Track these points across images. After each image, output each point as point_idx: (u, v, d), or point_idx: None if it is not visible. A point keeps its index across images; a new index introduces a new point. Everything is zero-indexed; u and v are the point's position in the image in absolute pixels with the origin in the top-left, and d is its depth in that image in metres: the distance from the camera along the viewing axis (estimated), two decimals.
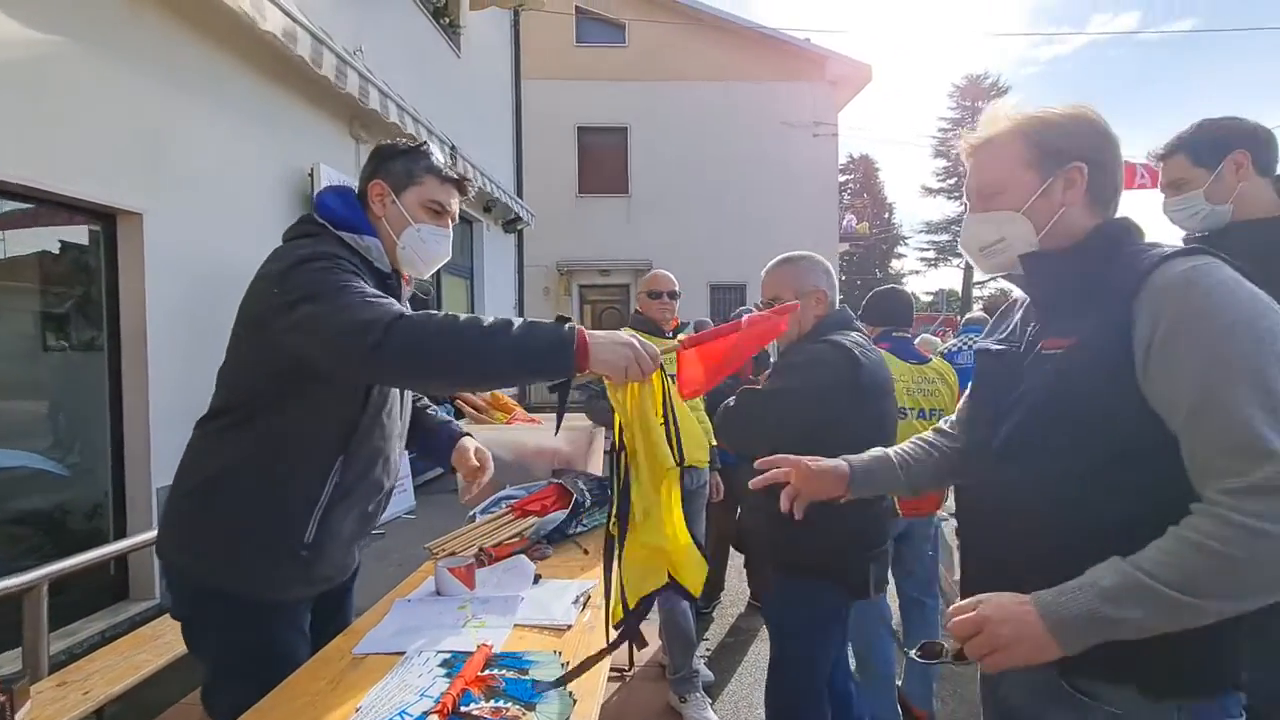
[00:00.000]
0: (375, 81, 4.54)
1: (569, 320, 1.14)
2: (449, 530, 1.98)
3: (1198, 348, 0.78)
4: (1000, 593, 0.84)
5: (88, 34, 2.77)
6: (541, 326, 1.11)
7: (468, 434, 1.73)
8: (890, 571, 2.11)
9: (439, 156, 1.44)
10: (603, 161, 14.27)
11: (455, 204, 1.45)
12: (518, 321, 1.12)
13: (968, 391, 1.15)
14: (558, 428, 1.29)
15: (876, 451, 1.27)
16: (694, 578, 1.20)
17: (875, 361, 1.71)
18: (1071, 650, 0.78)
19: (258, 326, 1.23)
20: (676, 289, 2.66)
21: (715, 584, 3.59)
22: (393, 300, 1.18)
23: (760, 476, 1.23)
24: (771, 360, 2.67)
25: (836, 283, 1.85)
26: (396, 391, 1.42)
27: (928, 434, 1.28)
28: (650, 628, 2.97)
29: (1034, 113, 0.98)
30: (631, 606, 1.15)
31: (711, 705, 2.56)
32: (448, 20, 6.97)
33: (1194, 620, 0.74)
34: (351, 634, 1.34)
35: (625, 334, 1.15)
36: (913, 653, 1.00)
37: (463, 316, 1.12)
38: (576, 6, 13.71)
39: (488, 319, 1.11)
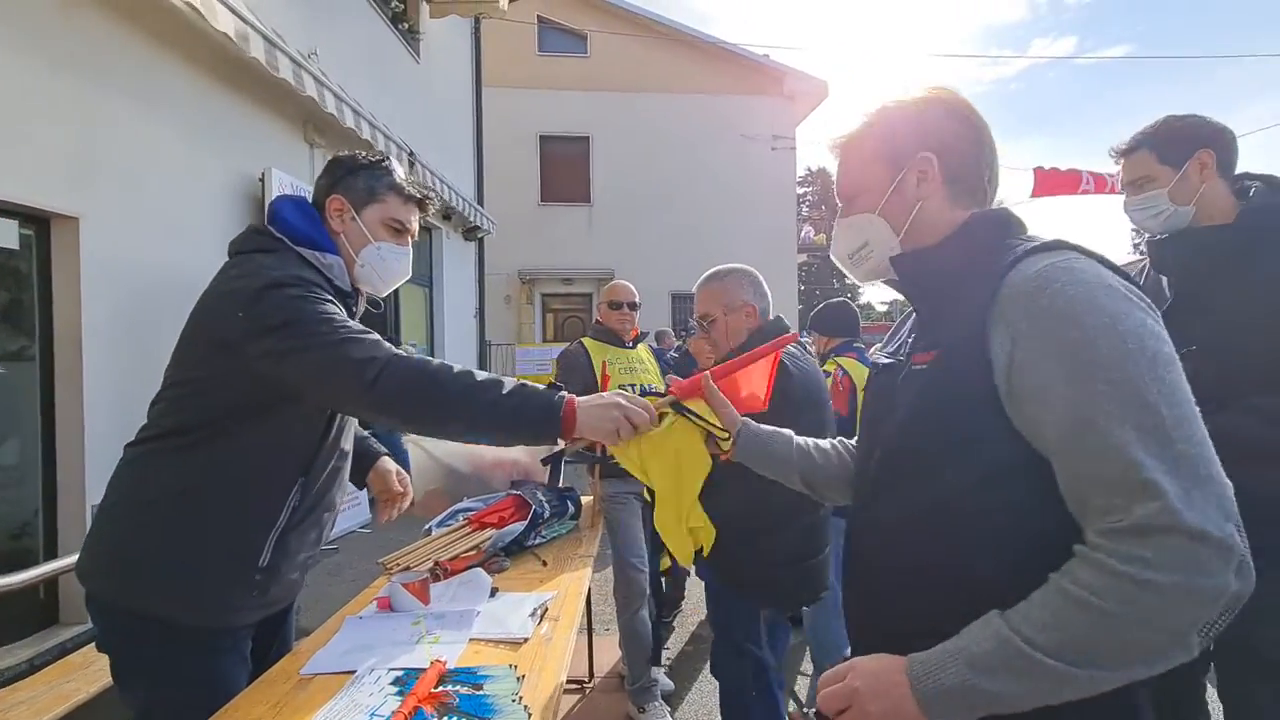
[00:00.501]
0: (330, 85, 4.45)
1: (561, 389, 1.15)
2: (405, 544, 1.95)
3: (1058, 361, 0.67)
4: (875, 657, 0.73)
5: (15, 33, 2.64)
6: (533, 391, 1.13)
7: (387, 454, 1.69)
8: None
9: (401, 172, 1.39)
10: (565, 170, 14.28)
11: (416, 222, 1.42)
12: (510, 382, 1.13)
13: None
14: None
15: (784, 431, 1.15)
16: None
17: (807, 373, 1.76)
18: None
19: (222, 348, 1.17)
20: (637, 300, 2.68)
21: (676, 592, 3.60)
22: (378, 336, 1.16)
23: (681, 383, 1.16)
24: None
25: (768, 293, 1.87)
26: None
27: (850, 440, 1.14)
28: (611, 639, 2.97)
29: (883, 105, 0.91)
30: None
31: (671, 715, 2.57)
32: (407, 26, 6.89)
33: (1082, 692, 0.62)
34: (299, 654, 1.30)
35: (613, 394, 1.16)
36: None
37: (456, 367, 1.13)
38: (538, 16, 13.72)
39: (480, 374, 1.12)
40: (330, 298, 1.21)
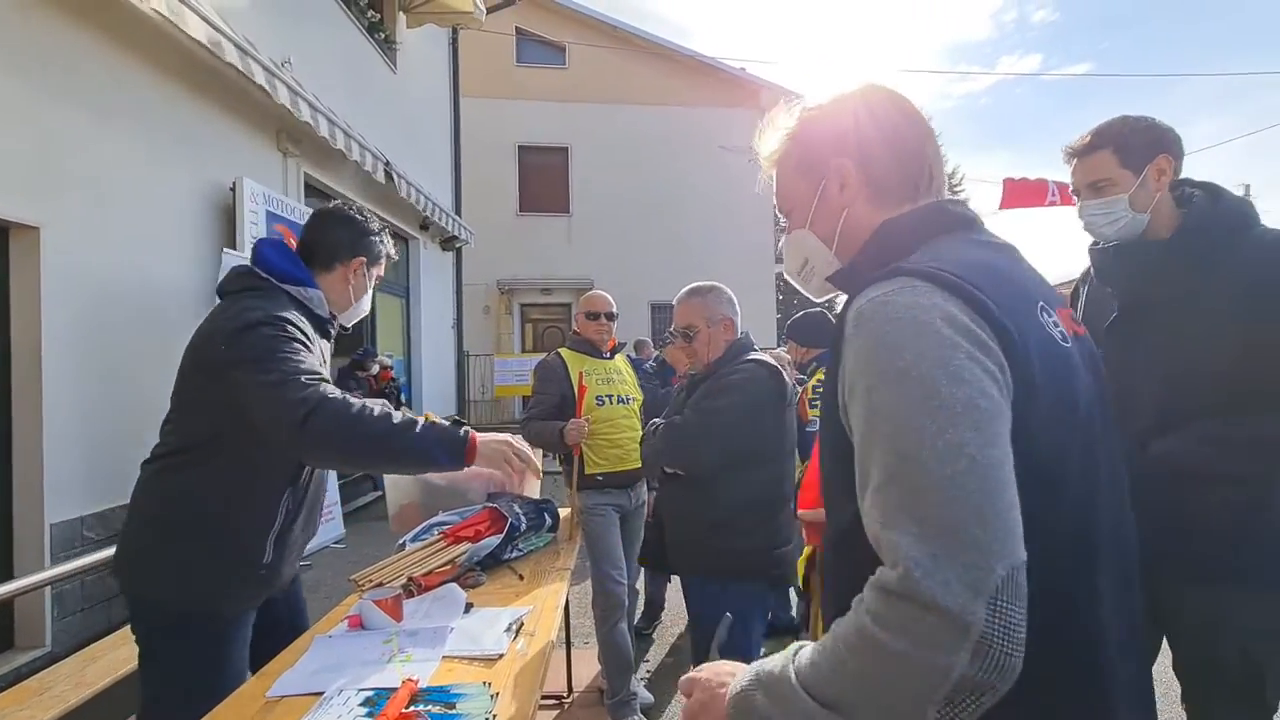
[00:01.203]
0: (305, 94, 4.40)
1: (464, 424, 1.42)
2: (378, 560, 1.90)
3: (858, 404, 0.64)
4: (733, 663, 0.72)
5: None
6: (443, 428, 1.39)
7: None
8: None
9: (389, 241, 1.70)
10: (544, 181, 14.28)
11: None
12: (421, 421, 1.37)
13: None
14: None
15: None
16: None
17: (778, 377, 1.92)
18: None
19: (211, 376, 1.35)
20: (614, 310, 2.68)
21: (655, 604, 3.58)
22: (321, 383, 1.31)
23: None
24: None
25: (739, 309, 2.01)
26: None
27: None
28: (590, 652, 2.93)
29: (800, 112, 0.87)
30: None
31: None
32: (383, 36, 6.85)
33: None
34: (265, 675, 1.26)
35: (505, 436, 1.51)
36: None
37: (377, 410, 1.31)
38: (516, 27, 13.76)
39: (397, 415, 1.33)
40: (302, 338, 1.39)
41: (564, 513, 2.37)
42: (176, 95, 3.73)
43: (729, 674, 0.70)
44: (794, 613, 3.29)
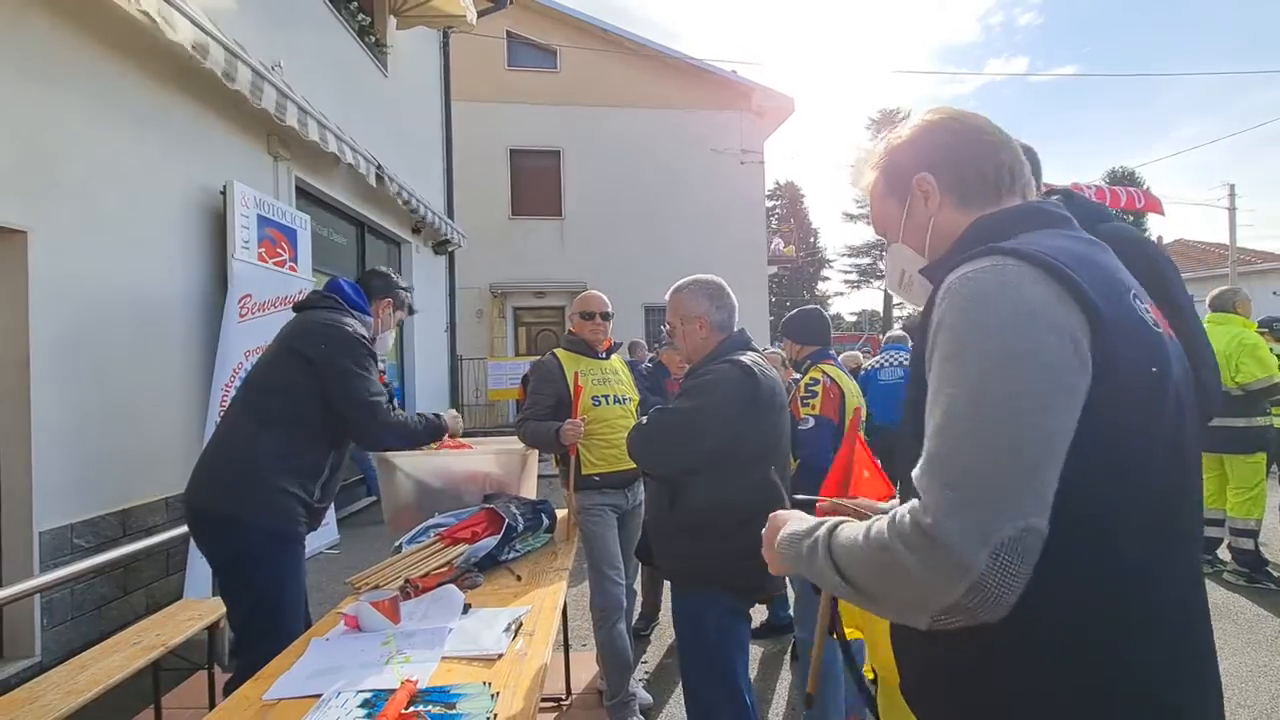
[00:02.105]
0: (294, 98, 4.37)
1: (440, 415, 2.28)
2: (374, 563, 1.89)
3: (935, 364, 0.72)
4: (781, 512, 0.96)
5: None
6: (433, 417, 2.26)
7: None
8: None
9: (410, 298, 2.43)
10: (536, 184, 14.27)
11: None
12: (427, 419, 2.23)
13: None
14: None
15: None
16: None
17: (771, 379, 1.82)
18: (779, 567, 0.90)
19: (305, 363, 1.99)
20: (609, 310, 2.67)
21: (653, 605, 3.56)
22: (385, 400, 2.07)
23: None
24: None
25: (734, 304, 1.92)
26: None
27: None
28: (588, 654, 2.92)
29: (885, 142, 0.98)
30: None
31: None
32: (374, 39, 6.83)
33: (841, 595, 0.75)
34: (261, 679, 1.24)
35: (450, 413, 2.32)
36: None
37: (412, 421, 2.16)
38: (507, 30, 13.76)
39: (417, 421, 2.19)
40: (374, 354, 2.10)
41: (561, 514, 2.35)
42: (167, 98, 3.70)
43: (785, 517, 0.92)
44: (790, 610, 3.28)
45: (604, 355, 2.66)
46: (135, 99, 3.46)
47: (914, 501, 0.67)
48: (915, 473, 0.69)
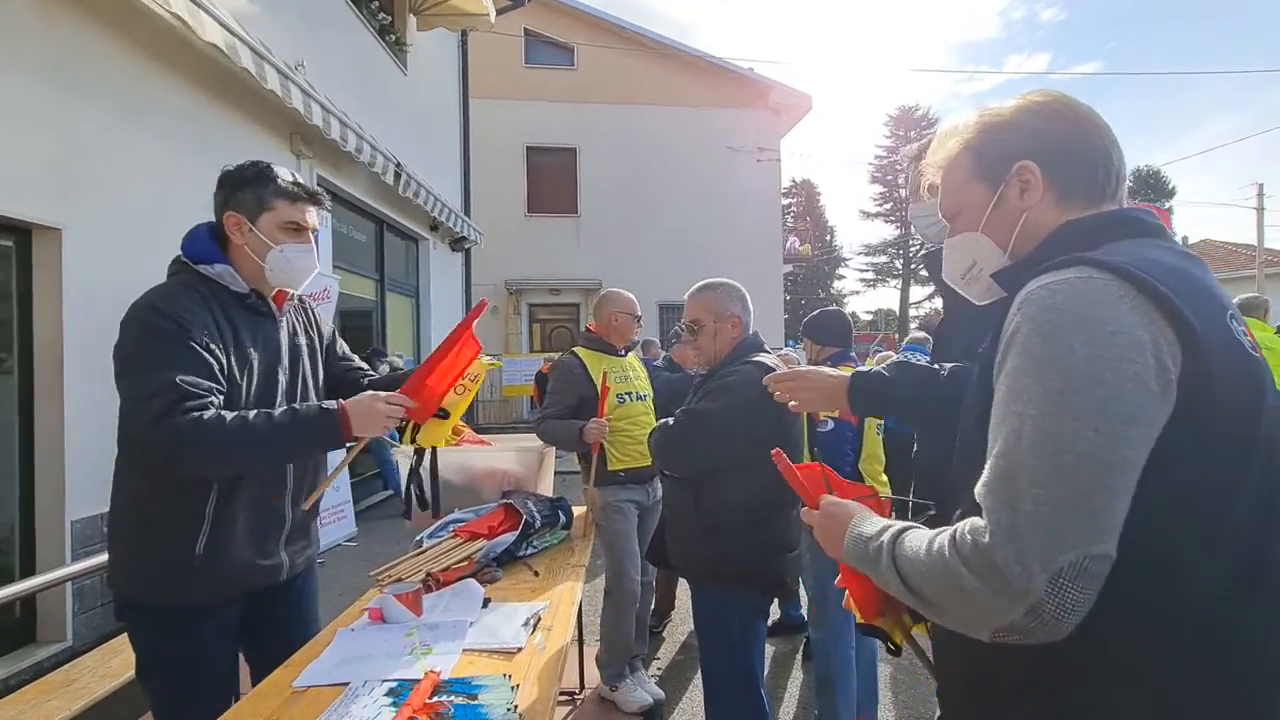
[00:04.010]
0: (317, 97, 4.44)
1: (329, 404, 1.37)
2: (392, 556, 1.93)
3: (1004, 378, 0.70)
4: (840, 502, 0.93)
5: None
6: (305, 411, 1.35)
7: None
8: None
9: (285, 175, 1.48)
10: (552, 181, 14.33)
11: (312, 216, 1.52)
12: (279, 412, 1.34)
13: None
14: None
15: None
16: None
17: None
18: (845, 558, 0.86)
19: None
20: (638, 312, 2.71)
21: (668, 602, 3.59)
22: (175, 400, 1.26)
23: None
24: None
25: (752, 308, 1.97)
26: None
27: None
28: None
29: (979, 117, 0.88)
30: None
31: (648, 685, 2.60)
32: (394, 38, 6.90)
33: (907, 600, 0.75)
34: (291, 666, 1.29)
35: (370, 393, 1.42)
36: None
37: (229, 419, 1.28)
38: (525, 28, 13.81)
39: (251, 414, 1.31)
40: (171, 327, 1.32)
41: (578, 510, 2.39)
42: (194, 98, 3.78)
43: (850, 511, 0.89)
44: (803, 611, 3.30)
45: (623, 353, 2.70)
46: (164, 100, 3.54)
47: (976, 521, 0.67)
48: (979, 490, 0.68)
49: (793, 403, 1.32)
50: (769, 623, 3.32)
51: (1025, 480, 0.64)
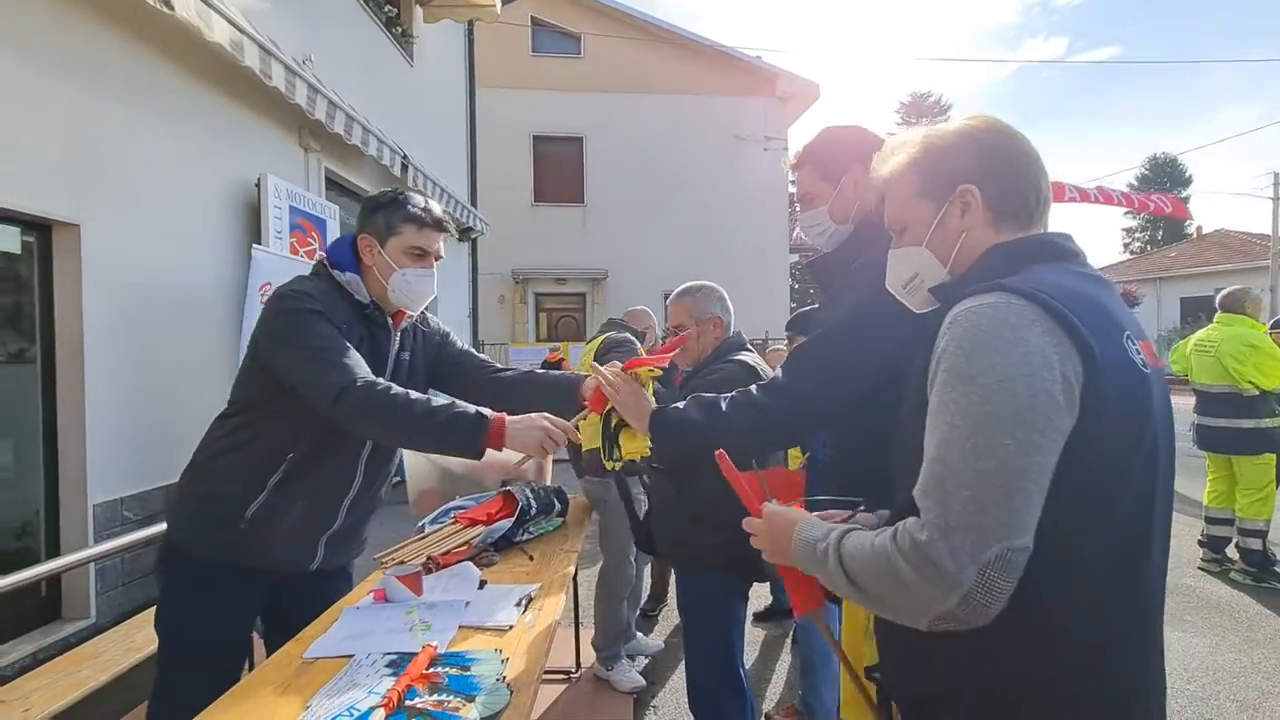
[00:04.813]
0: (325, 91, 4.52)
1: (488, 412, 1.45)
2: (396, 541, 2.04)
3: (936, 391, 0.79)
4: (781, 510, 0.99)
5: (8, 39, 2.69)
6: (463, 408, 1.44)
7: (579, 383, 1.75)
8: None
9: (417, 202, 1.59)
10: (558, 171, 14.37)
11: (438, 244, 1.63)
12: (441, 404, 1.42)
13: None
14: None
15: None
16: None
17: (769, 376, 1.92)
18: (797, 562, 0.91)
19: (253, 344, 1.53)
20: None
21: (662, 588, 3.71)
22: (351, 362, 1.42)
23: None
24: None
25: (731, 309, 2.07)
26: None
27: None
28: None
29: (923, 139, 0.95)
30: None
31: (653, 704, 2.69)
32: (400, 30, 6.96)
33: (851, 598, 0.82)
34: (301, 640, 1.40)
35: (540, 415, 1.49)
36: None
37: (402, 395, 1.40)
38: (532, 16, 13.79)
39: (421, 399, 1.41)
40: (319, 308, 1.47)
41: (574, 499, 2.50)
42: (204, 94, 3.88)
43: (793, 519, 0.95)
44: None
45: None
46: (175, 96, 3.64)
47: (912, 520, 0.75)
48: (916, 492, 0.76)
49: None
50: (761, 608, 3.47)
51: (954, 484, 0.72)
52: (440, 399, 1.45)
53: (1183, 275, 20.16)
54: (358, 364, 1.44)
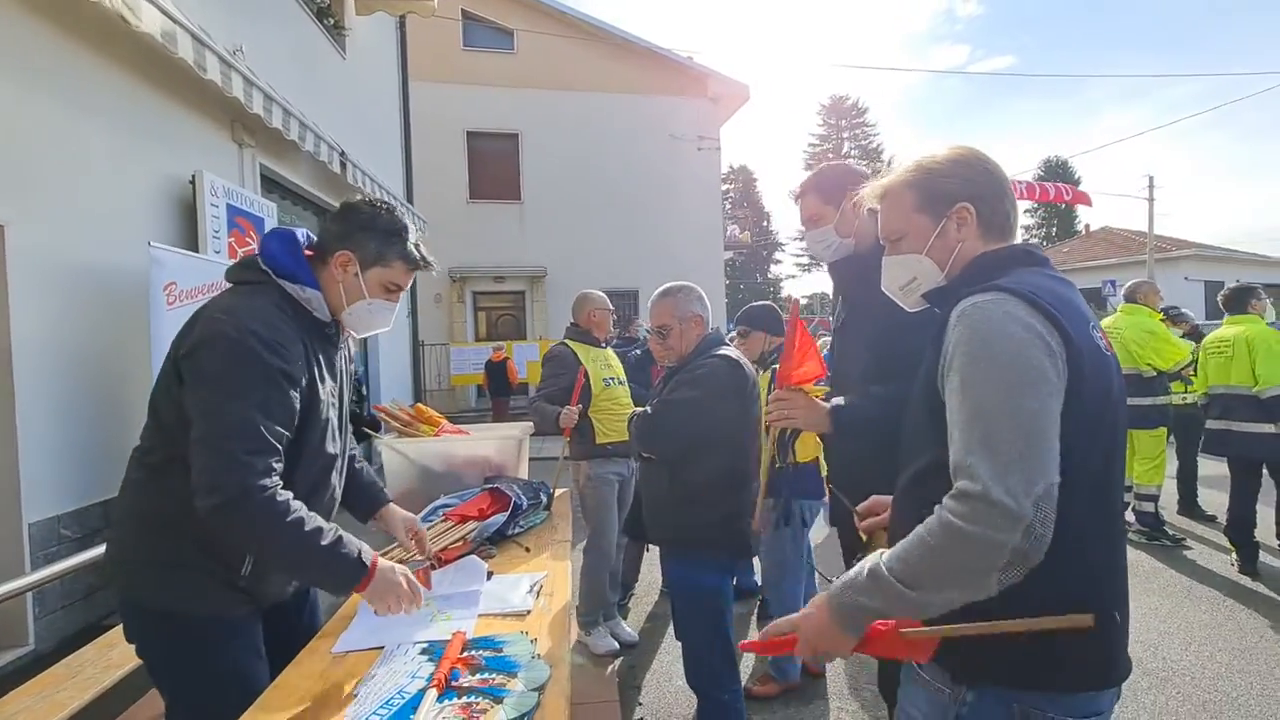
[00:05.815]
0: (260, 84, 4.34)
1: (368, 555, 1.33)
2: (390, 542, 2.05)
3: (955, 375, 0.92)
4: (804, 612, 0.99)
5: None
6: (348, 549, 1.29)
7: (392, 502, 1.80)
8: None
9: (413, 239, 1.48)
10: (494, 167, 14.16)
11: (409, 282, 1.53)
12: (328, 534, 1.27)
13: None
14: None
15: None
16: None
17: (750, 370, 2.12)
18: (857, 633, 0.92)
19: (177, 376, 1.28)
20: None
21: (631, 577, 3.81)
22: (260, 454, 1.21)
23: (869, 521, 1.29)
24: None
25: (710, 305, 2.21)
26: (332, 449, 1.48)
27: None
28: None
29: (921, 162, 1.11)
30: None
31: (636, 684, 2.81)
32: (332, 21, 6.71)
33: (912, 609, 0.87)
34: (325, 636, 1.43)
35: (404, 569, 1.39)
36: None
37: (297, 517, 1.23)
38: (463, 10, 13.51)
39: (314, 527, 1.24)
40: (271, 362, 1.26)
41: (559, 492, 2.57)
42: (137, 88, 3.66)
43: (819, 603, 0.96)
44: (756, 578, 3.59)
45: (604, 345, 3.09)
46: (106, 90, 3.43)
47: (957, 488, 0.85)
48: (957, 458, 0.87)
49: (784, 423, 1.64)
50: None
51: (998, 439, 0.85)
52: (329, 527, 1.29)
53: (1075, 269, 22.01)
54: (273, 453, 1.24)
